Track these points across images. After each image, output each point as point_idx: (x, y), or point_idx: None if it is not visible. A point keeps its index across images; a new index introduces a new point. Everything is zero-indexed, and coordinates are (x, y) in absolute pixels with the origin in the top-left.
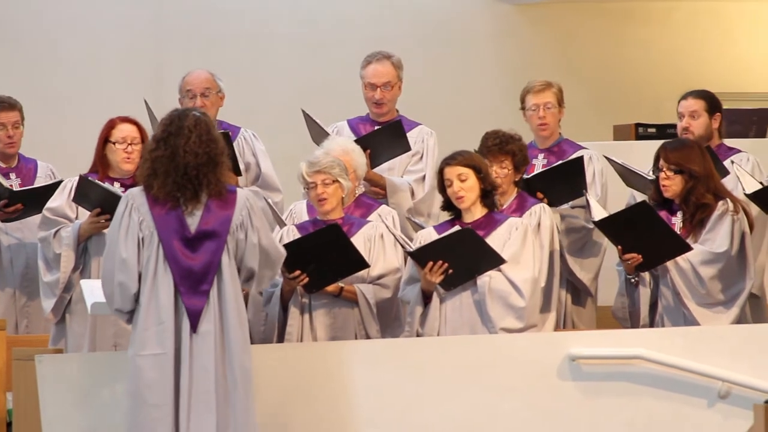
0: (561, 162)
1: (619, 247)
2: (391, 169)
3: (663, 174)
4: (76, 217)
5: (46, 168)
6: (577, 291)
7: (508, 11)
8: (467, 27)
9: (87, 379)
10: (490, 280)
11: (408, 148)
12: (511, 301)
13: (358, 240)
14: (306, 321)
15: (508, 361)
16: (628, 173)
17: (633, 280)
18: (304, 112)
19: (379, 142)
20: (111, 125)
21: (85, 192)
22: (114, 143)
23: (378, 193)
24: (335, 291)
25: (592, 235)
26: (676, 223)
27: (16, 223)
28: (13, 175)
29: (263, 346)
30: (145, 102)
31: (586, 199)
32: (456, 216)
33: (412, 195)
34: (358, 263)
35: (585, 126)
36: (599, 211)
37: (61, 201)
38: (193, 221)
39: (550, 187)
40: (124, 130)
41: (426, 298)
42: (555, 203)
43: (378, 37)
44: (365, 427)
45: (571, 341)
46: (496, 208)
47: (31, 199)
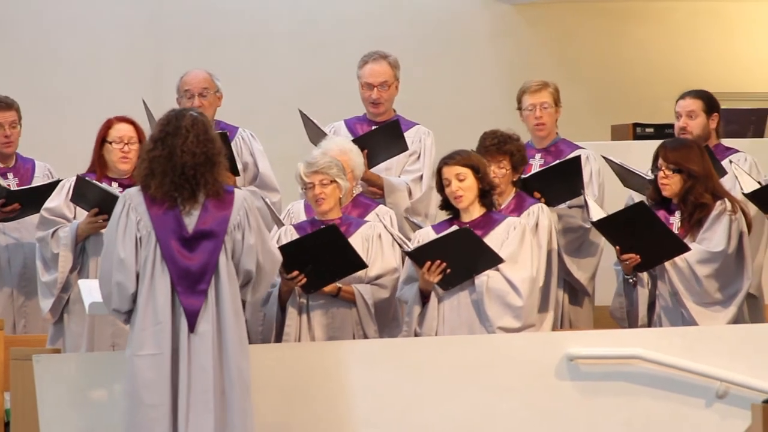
0: (558, 162)
1: (617, 247)
2: (388, 168)
3: (662, 173)
4: (74, 217)
5: (43, 168)
6: (575, 291)
7: (507, 11)
8: (466, 27)
9: (85, 379)
10: (488, 279)
11: (405, 148)
12: (508, 300)
13: (356, 240)
14: (304, 321)
15: (506, 360)
16: (625, 173)
17: (631, 281)
18: (301, 113)
19: (377, 142)
20: (108, 125)
21: (82, 192)
22: (111, 143)
23: (375, 193)
24: (333, 291)
25: (589, 234)
26: (674, 222)
27: (14, 222)
28: (10, 175)
29: (261, 346)
30: (144, 102)
31: (584, 199)
32: (454, 215)
33: (410, 195)
34: (356, 264)
35: (583, 126)
36: (597, 212)
37: (59, 201)
38: (191, 221)
39: (548, 186)
40: (121, 130)
41: (424, 298)
42: (552, 203)
43: (377, 37)
44: (363, 427)
45: (569, 341)
46: (494, 208)
47: (28, 199)
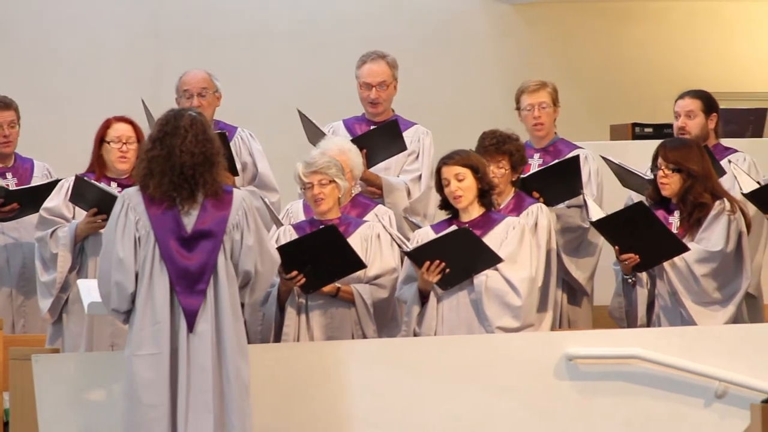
0: (557, 161)
1: (617, 247)
2: (387, 168)
3: (661, 172)
4: (73, 217)
5: (42, 167)
6: (573, 291)
7: (506, 11)
8: (465, 27)
9: (84, 379)
10: (486, 279)
11: (404, 148)
12: (507, 300)
13: (355, 240)
14: (303, 321)
15: (505, 360)
16: (624, 173)
17: (630, 281)
18: (300, 113)
19: (376, 142)
20: (107, 125)
21: (81, 192)
22: (109, 143)
23: (374, 192)
24: (332, 291)
25: (587, 234)
26: (674, 222)
27: (13, 222)
28: (9, 175)
29: (260, 346)
30: (143, 102)
31: (584, 200)
32: (453, 215)
33: (409, 194)
34: (355, 264)
35: (582, 126)
36: (596, 212)
37: (58, 201)
38: (190, 221)
39: (546, 186)
40: (119, 130)
41: (423, 298)
42: (551, 203)
43: (376, 37)
44: (362, 426)
45: (568, 341)
46: (493, 208)
47: (27, 199)
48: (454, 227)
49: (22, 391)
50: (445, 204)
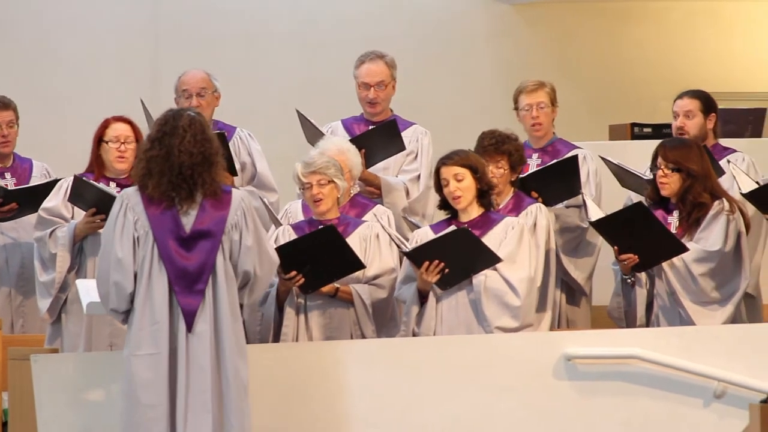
0: (555, 161)
1: (616, 247)
2: (385, 168)
3: (661, 172)
4: (72, 217)
5: (41, 167)
6: (572, 290)
7: (505, 11)
8: (464, 27)
9: (83, 379)
10: (485, 279)
11: (402, 148)
12: (506, 300)
13: (354, 240)
14: (302, 321)
15: (504, 360)
16: (623, 173)
17: (629, 281)
18: (298, 113)
19: (374, 142)
20: (105, 125)
21: (80, 192)
22: (107, 142)
23: (373, 192)
24: (331, 291)
25: (586, 234)
26: (673, 222)
27: (12, 222)
28: (8, 175)
29: (259, 346)
30: (142, 102)
31: (583, 200)
32: (452, 215)
33: (407, 194)
34: (354, 264)
35: (581, 126)
36: (596, 212)
37: (56, 201)
38: (188, 221)
39: (545, 186)
40: (118, 129)
41: (422, 298)
42: (550, 203)
43: (375, 37)
44: (361, 426)
45: (566, 341)
46: (492, 208)
47: (25, 198)
48: (453, 227)
49: (21, 391)
50: (444, 204)
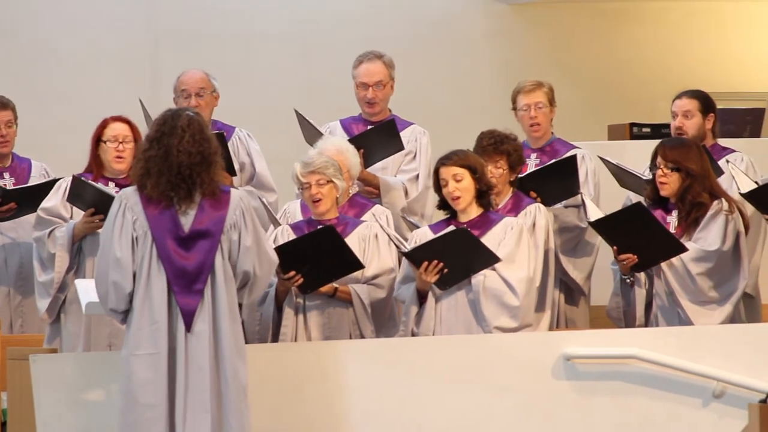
0: (554, 161)
1: (615, 247)
2: (384, 168)
3: (660, 171)
4: (71, 217)
5: (40, 167)
6: (571, 290)
7: (504, 11)
8: (463, 27)
9: (81, 379)
10: (484, 279)
11: (401, 148)
12: (505, 300)
13: (353, 240)
14: (300, 321)
15: (503, 360)
16: (622, 173)
17: (628, 281)
18: (297, 112)
19: (373, 142)
20: (103, 125)
21: (78, 192)
22: (106, 142)
23: (372, 192)
24: (329, 291)
25: (584, 234)
26: (671, 221)
27: (11, 222)
28: (7, 175)
29: (258, 346)
30: (141, 102)
31: (582, 200)
32: (451, 215)
33: (406, 194)
34: (353, 264)
35: (579, 126)
36: (595, 212)
37: (55, 201)
38: (187, 221)
39: (543, 186)
40: (116, 129)
41: (421, 298)
42: (548, 202)
43: (374, 37)
44: (359, 426)
45: (565, 341)
46: (491, 208)
47: (24, 198)
48: (452, 227)
49: (20, 391)
50: (443, 204)
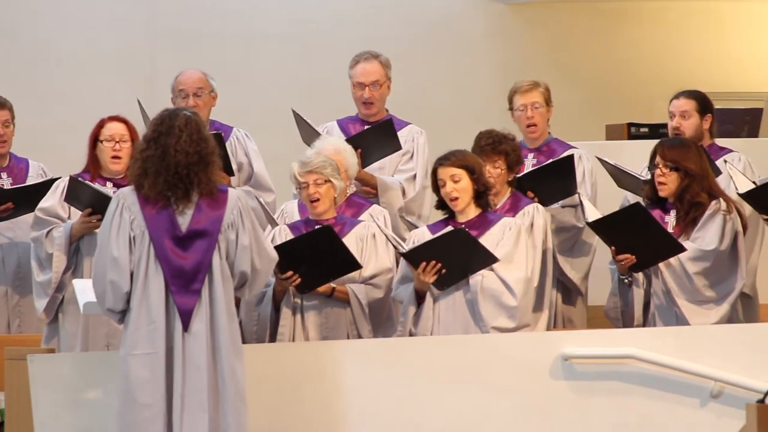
0: (551, 161)
1: (613, 248)
2: (381, 168)
3: (659, 171)
4: (69, 217)
5: (37, 167)
6: (568, 290)
7: (502, 11)
8: (461, 27)
9: (79, 378)
10: (482, 279)
11: (398, 147)
12: (503, 300)
13: (350, 240)
14: (298, 321)
15: (501, 360)
16: (620, 174)
17: (626, 281)
18: (294, 113)
19: (370, 142)
20: (100, 124)
21: (75, 193)
22: (102, 142)
23: (369, 192)
24: (327, 291)
25: (581, 234)
26: (670, 221)
27: (8, 222)
28: (4, 175)
29: (255, 346)
30: (139, 102)
31: (580, 200)
32: (450, 215)
33: (403, 194)
34: (351, 264)
35: (577, 125)
36: (593, 212)
37: (53, 201)
38: (184, 220)
39: (541, 186)
40: (112, 128)
41: (419, 298)
42: (545, 202)
43: (372, 37)
44: (357, 426)
45: (563, 341)
46: (490, 208)
47: (21, 198)
48: (450, 228)
49: (17, 391)
50: (441, 204)
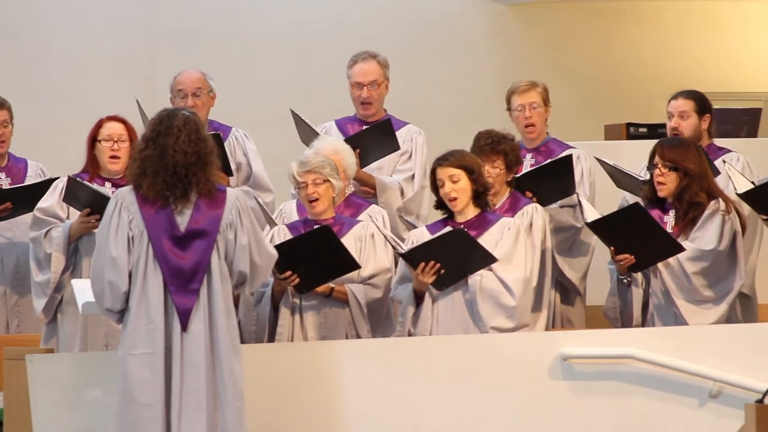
0: (549, 161)
1: (612, 248)
2: (380, 168)
3: (658, 171)
4: (68, 217)
5: (36, 167)
6: (566, 290)
7: (501, 11)
8: (460, 27)
9: (78, 378)
10: (481, 279)
11: (397, 147)
12: (502, 300)
13: (349, 240)
14: (297, 321)
15: (500, 360)
16: (619, 174)
17: (625, 281)
18: (293, 113)
19: (369, 142)
20: (99, 124)
21: (74, 193)
22: (101, 141)
23: (368, 192)
24: (326, 291)
25: (580, 234)
26: (668, 221)
27: (7, 222)
28: (2, 175)
29: (254, 346)
30: (138, 102)
31: (578, 200)
32: (449, 216)
33: (402, 194)
34: (349, 264)
35: (576, 126)
36: (592, 213)
37: (52, 201)
38: (183, 220)
39: (539, 186)
40: (111, 128)
41: (418, 298)
42: (544, 202)
43: (373, 37)
44: (356, 426)
45: (562, 341)
46: (488, 208)
47: (20, 198)
48: (449, 228)
49: (16, 391)
50: (440, 204)
